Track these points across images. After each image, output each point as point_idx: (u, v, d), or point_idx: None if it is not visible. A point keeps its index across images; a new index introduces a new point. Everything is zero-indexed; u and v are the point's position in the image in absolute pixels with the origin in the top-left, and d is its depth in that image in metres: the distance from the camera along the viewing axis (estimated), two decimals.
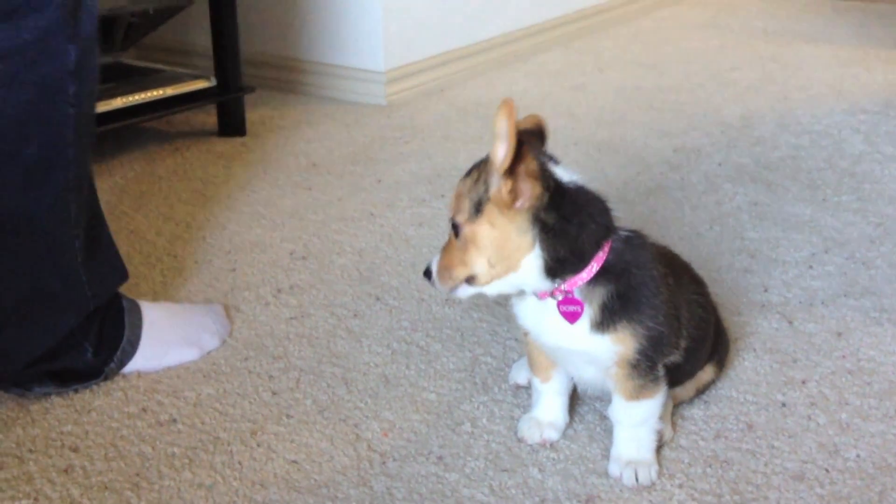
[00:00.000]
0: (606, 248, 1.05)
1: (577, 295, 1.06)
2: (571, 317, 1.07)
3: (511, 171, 0.99)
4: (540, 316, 1.11)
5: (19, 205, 1.17)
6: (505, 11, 3.05)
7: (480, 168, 1.04)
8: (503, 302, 1.56)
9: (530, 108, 2.64)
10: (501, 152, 0.98)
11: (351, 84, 2.67)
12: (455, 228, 1.05)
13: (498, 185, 1.00)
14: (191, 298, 1.55)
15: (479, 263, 1.05)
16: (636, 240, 1.09)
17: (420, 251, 1.74)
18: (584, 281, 1.05)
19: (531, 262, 1.04)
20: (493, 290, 1.08)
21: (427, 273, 1.11)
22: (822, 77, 2.89)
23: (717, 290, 1.27)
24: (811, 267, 1.69)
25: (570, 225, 1.03)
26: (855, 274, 1.66)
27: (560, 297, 1.07)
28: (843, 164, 2.17)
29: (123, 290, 1.40)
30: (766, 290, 1.60)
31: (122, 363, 1.34)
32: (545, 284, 1.06)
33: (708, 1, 4.09)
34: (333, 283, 1.63)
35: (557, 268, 1.04)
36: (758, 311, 1.54)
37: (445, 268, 1.08)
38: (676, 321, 1.11)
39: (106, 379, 1.33)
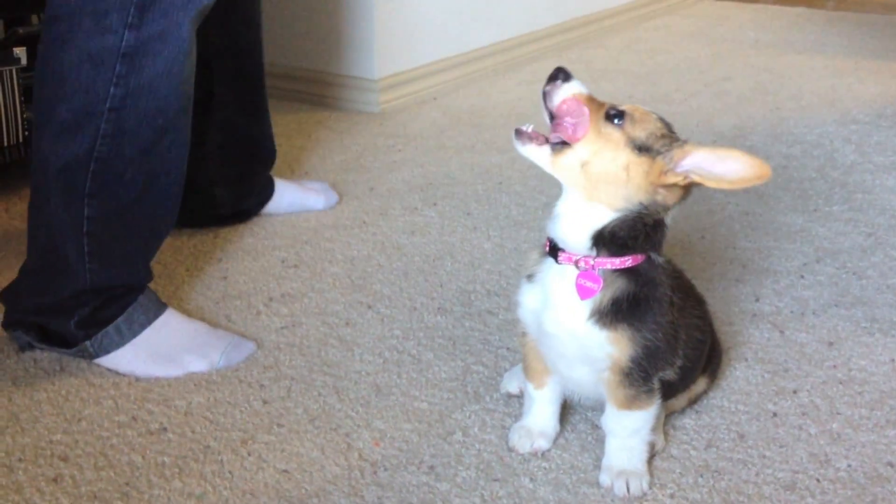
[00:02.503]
0: (645, 257, 1.09)
1: (598, 274, 1.08)
2: (585, 292, 1.08)
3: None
4: (544, 296, 1.11)
5: (52, 152, 1.27)
6: (498, 20, 3.06)
7: (673, 134, 1.07)
8: (495, 311, 1.56)
9: (523, 117, 2.64)
10: (719, 172, 1.03)
11: (344, 92, 2.67)
12: (616, 117, 1.05)
13: (663, 169, 1.04)
14: (182, 307, 1.55)
15: (583, 154, 1.05)
16: (668, 267, 1.14)
17: (412, 259, 1.74)
18: (614, 266, 1.07)
19: (596, 215, 1.06)
20: (555, 169, 1.08)
21: (561, 76, 1.08)
22: (814, 87, 2.90)
23: (708, 300, 1.28)
24: (802, 277, 1.69)
25: (647, 226, 1.06)
26: (846, 284, 1.67)
27: (583, 268, 1.08)
28: (835, 174, 2.18)
29: None
30: (757, 300, 1.61)
31: (102, 348, 1.35)
32: (579, 243, 1.07)
33: (700, 11, 4.10)
34: (325, 291, 1.63)
35: (602, 241, 1.07)
36: (749, 320, 1.54)
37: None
38: (675, 342, 1.13)
39: (81, 355, 1.36)
